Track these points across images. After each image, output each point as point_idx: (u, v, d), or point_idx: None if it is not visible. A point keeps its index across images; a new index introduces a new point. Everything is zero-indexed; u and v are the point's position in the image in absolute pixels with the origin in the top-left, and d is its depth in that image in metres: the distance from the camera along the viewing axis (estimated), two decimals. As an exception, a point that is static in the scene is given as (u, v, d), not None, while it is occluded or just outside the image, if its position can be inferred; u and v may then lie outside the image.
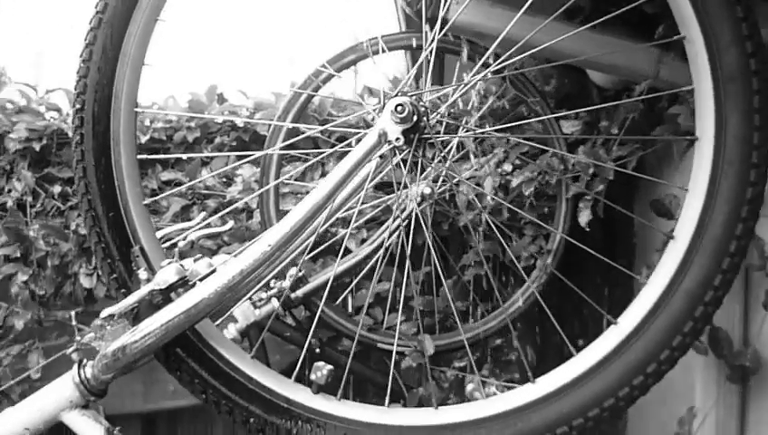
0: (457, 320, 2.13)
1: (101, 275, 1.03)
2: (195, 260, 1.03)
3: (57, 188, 2.46)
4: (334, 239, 2.09)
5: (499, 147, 2.23)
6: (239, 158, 2.44)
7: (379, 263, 2.02)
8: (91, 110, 1.02)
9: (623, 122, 1.77)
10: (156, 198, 2.27)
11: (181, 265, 0.96)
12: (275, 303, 1.91)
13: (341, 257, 2.04)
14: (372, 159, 0.99)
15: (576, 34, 1.47)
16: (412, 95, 0.94)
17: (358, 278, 2.15)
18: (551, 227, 2.20)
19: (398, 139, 0.93)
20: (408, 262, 1.98)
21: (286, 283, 1.94)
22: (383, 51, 2.00)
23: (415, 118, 0.93)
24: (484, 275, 2.33)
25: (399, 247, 2.10)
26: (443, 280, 1.87)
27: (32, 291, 2.35)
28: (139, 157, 1.05)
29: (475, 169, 2.24)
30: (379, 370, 2.18)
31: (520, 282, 2.33)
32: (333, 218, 1.08)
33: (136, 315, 0.96)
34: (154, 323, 0.93)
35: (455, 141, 2.18)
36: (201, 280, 0.94)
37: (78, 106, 1.02)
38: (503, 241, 2.26)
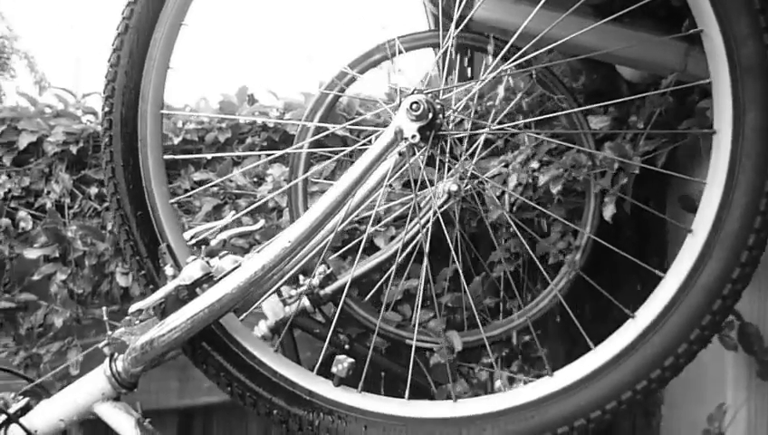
0: (477, 318, 2.13)
1: (131, 271, 1.06)
2: (220, 257, 1.06)
3: (94, 190, 2.53)
4: (362, 237, 2.11)
5: (526, 144, 2.23)
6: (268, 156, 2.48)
7: (404, 259, 2.04)
8: (119, 112, 1.06)
9: (650, 117, 1.76)
10: (182, 197, 2.32)
11: (206, 262, 0.99)
12: (305, 300, 1.94)
13: (369, 255, 2.08)
14: (390, 157, 1.01)
15: (602, 29, 1.46)
16: (428, 93, 0.95)
17: (386, 275, 2.16)
18: (579, 223, 2.19)
19: (413, 136, 0.95)
20: (425, 260, 1.99)
21: (315, 280, 1.97)
22: (406, 50, 2.02)
23: (430, 115, 0.94)
24: (512, 272, 2.33)
25: (427, 244, 2.12)
26: (466, 277, 1.88)
27: (70, 290, 2.43)
28: (166, 157, 1.09)
29: (503, 166, 2.25)
30: (407, 366, 2.19)
31: (550, 278, 2.33)
32: (354, 216, 1.10)
33: (163, 311, 1.00)
34: (180, 318, 0.96)
35: (481, 139, 2.19)
36: (224, 276, 0.97)
37: (107, 109, 1.06)
38: (523, 241, 2.25)
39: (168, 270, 1.00)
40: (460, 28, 1.21)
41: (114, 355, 1.05)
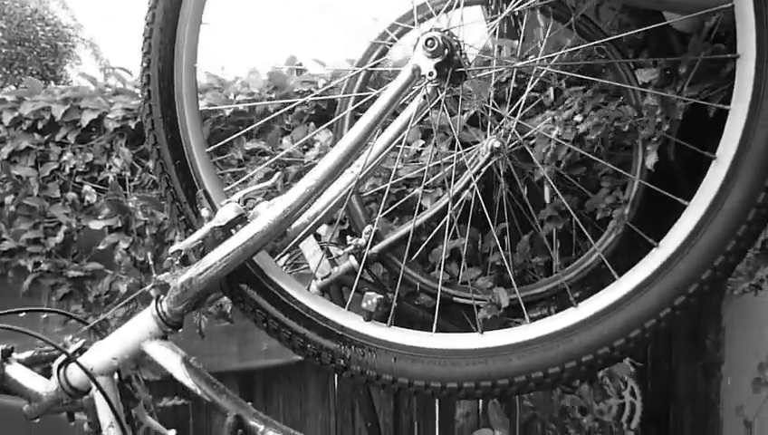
0: (511, 276, 2.13)
1: (171, 217, 1.12)
2: (255, 204, 1.11)
3: (154, 174, 2.63)
4: (408, 196, 2.15)
5: (572, 97, 2.21)
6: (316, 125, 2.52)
7: (452, 219, 2.06)
8: (156, 67, 1.11)
9: (693, 63, 1.72)
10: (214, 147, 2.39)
11: (239, 204, 1.04)
12: (353, 260, 1.99)
13: (416, 214, 2.11)
14: (413, 100, 1.03)
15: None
16: (444, 30, 0.97)
17: (433, 234, 2.19)
18: (628, 176, 2.16)
19: (431, 73, 0.97)
20: (462, 220, 2.00)
21: (362, 240, 2.01)
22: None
23: (447, 51, 0.96)
24: (561, 230, 2.32)
25: (473, 203, 2.13)
26: (514, 236, 1.88)
27: (133, 258, 2.55)
28: (201, 109, 1.14)
29: (551, 120, 2.23)
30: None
31: (599, 234, 2.31)
32: (379, 159, 1.13)
33: (203, 252, 1.05)
34: (215, 256, 1.01)
35: (524, 97, 2.18)
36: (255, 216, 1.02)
37: (144, 65, 1.12)
38: (563, 201, 2.23)
39: (204, 212, 1.06)
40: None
41: (159, 297, 1.12)
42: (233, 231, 1.03)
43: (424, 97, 1.07)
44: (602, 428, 2.03)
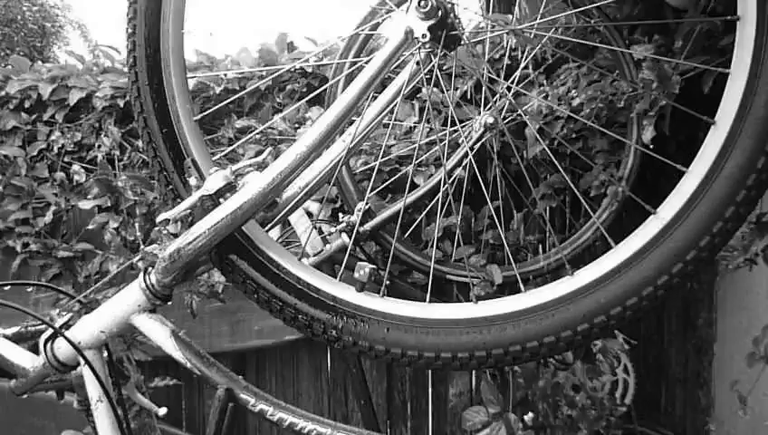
0: (508, 253, 2.12)
1: (159, 186, 1.09)
2: (243, 175, 1.09)
3: (141, 142, 2.61)
4: (400, 174, 2.12)
5: (566, 74, 2.18)
6: (308, 103, 2.49)
7: (444, 196, 2.04)
8: (142, 33, 1.08)
9: (688, 35, 1.70)
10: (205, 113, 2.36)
11: (228, 173, 1.02)
12: (345, 237, 1.96)
13: (407, 192, 2.09)
14: (405, 64, 1.00)
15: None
16: (439, -9, 0.94)
17: (425, 211, 2.17)
18: (622, 153, 2.15)
19: (424, 35, 0.94)
20: (463, 195, 1.98)
21: (354, 217, 1.99)
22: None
23: (440, 13, 0.93)
24: (554, 207, 2.31)
25: (467, 180, 2.11)
26: (508, 214, 1.87)
27: (123, 237, 2.52)
28: (189, 77, 1.11)
29: (543, 98, 2.21)
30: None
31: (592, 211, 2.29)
32: (371, 128, 1.10)
33: (191, 223, 1.03)
34: (204, 226, 0.99)
35: (517, 73, 2.16)
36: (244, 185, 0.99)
37: (130, 31, 1.09)
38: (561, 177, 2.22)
39: (193, 181, 1.03)
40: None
41: (147, 269, 1.09)
42: (221, 200, 1.01)
43: (417, 63, 1.05)
44: (595, 405, 2.02)
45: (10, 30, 11.12)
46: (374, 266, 1.03)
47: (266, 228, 1.11)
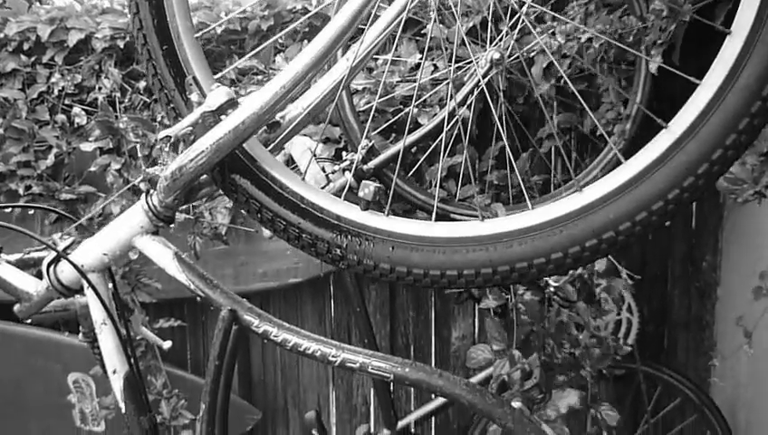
0: (522, 190, 2.10)
1: (160, 105, 1.07)
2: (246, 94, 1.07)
3: (142, 84, 2.57)
4: (403, 112, 2.10)
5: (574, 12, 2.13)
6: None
7: (449, 136, 2.02)
8: (140, -53, 1.05)
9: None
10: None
11: (230, 90, 1.00)
12: (348, 175, 1.95)
13: (406, 131, 2.06)
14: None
15: None
16: None
17: (430, 150, 2.15)
18: (630, 91, 2.11)
19: (431, -60, 0.91)
20: (468, 132, 1.96)
21: (357, 155, 1.97)
22: None
23: None
24: (559, 147, 2.29)
25: (471, 120, 2.09)
26: (513, 154, 1.85)
27: (126, 180, 2.50)
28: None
29: (550, 35, 2.16)
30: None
31: (598, 152, 2.27)
32: (373, 47, 1.08)
33: (193, 140, 1.01)
34: (205, 142, 0.97)
35: (524, 8, 2.10)
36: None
37: (127, -56, 1.06)
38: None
39: (194, 97, 1.01)
40: None
41: (149, 191, 1.08)
42: (223, 117, 0.99)
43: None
44: (599, 343, 2.03)
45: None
46: (379, 185, 1.01)
47: (269, 147, 1.09)
